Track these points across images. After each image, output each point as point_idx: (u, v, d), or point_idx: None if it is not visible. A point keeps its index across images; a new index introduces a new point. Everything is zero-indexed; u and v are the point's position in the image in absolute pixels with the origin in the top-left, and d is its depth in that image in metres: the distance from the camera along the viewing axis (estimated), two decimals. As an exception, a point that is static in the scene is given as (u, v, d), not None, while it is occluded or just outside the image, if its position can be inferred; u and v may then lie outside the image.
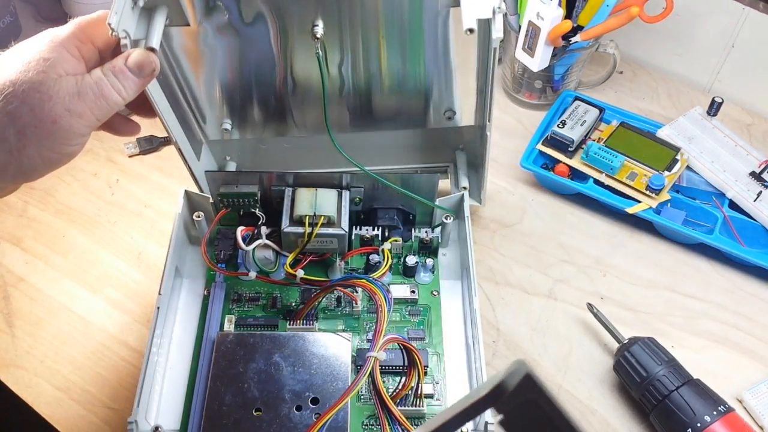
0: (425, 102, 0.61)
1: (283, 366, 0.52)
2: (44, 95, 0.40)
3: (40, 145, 0.40)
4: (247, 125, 0.63)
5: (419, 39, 0.55)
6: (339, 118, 0.62)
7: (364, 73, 0.58)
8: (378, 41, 0.55)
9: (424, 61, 0.57)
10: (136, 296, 0.62)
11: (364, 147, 0.63)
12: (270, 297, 0.58)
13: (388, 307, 0.53)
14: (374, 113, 0.62)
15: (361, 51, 0.56)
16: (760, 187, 0.65)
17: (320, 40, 0.53)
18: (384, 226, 0.59)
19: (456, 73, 0.58)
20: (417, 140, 0.67)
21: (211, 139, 0.63)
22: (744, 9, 0.72)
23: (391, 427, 0.49)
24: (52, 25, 0.45)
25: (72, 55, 0.43)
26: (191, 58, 0.55)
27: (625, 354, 0.55)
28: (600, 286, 0.63)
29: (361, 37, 0.55)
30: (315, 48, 0.53)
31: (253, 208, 0.59)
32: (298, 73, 0.58)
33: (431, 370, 0.54)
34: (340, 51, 0.55)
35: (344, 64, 0.57)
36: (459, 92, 0.60)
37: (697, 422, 0.50)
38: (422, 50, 0.56)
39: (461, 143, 0.67)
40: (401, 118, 0.63)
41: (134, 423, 0.48)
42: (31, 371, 0.58)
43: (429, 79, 0.59)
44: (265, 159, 0.68)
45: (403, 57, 0.57)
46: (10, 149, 0.40)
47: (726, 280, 0.64)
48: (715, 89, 0.79)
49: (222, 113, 0.61)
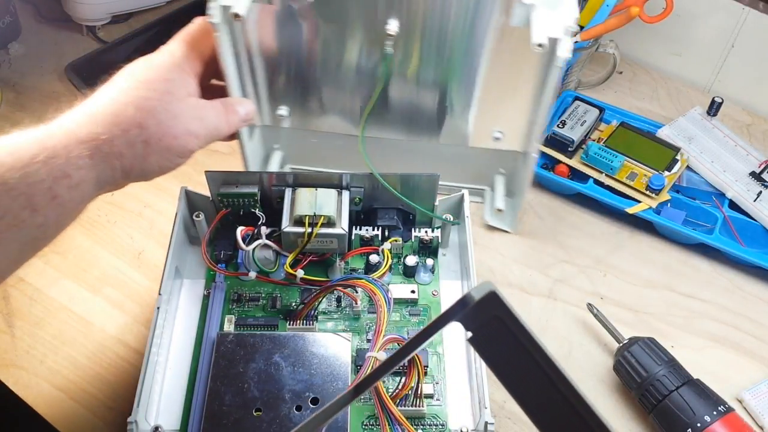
0: (473, 119, 0.60)
1: (283, 366, 0.52)
2: (170, 114, 0.46)
3: (161, 155, 0.46)
4: (301, 115, 0.62)
5: (479, 55, 0.54)
6: (384, 121, 0.61)
7: (419, 82, 0.58)
8: (439, 51, 0.55)
9: (480, 78, 0.56)
10: (136, 296, 0.62)
11: (403, 154, 0.64)
12: (270, 297, 0.58)
13: (388, 307, 0.53)
14: (420, 123, 0.62)
15: (422, 59, 0.55)
16: (760, 187, 0.65)
17: (393, 38, 0.53)
18: (384, 226, 0.59)
19: (510, 95, 0.57)
20: (457, 157, 0.65)
21: (264, 123, 0.63)
22: (744, 9, 0.72)
23: (391, 427, 0.49)
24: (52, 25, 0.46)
25: (189, 76, 0.49)
26: (264, 38, 0.55)
27: (625, 354, 0.55)
28: (600, 286, 0.63)
29: (424, 45, 0.54)
30: (385, 46, 0.53)
31: (253, 208, 0.59)
32: (362, 71, 0.57)
33: (431, 370, 0.54)
34: (406, 55, 0.55)
35: (403, 69, 0.56)
36: (510, 115, 0.59)
37: (697, 422, 0.50)
38: (480, 67, 0.55)
39: (502, 167, 0.66)
40: (446, 132, 0.62)
41: (134, 423, 0.48)
42: (31, 371, 0.58)
43: (482, 97, 0.58)
44: (312, 154, 0.67)
45: (460, 70, 0.56)
46: (136, 155, 0.45)
47: (726, 280, 0.64)
48: (715, 89, 0.79)
49: (280, 99, 0.61)
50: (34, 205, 0.39)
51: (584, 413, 0.32)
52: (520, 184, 0.63)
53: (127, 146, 0.44)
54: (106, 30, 0.82)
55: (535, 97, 0.56)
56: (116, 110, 0.44)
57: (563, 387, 0.32)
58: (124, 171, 0.45)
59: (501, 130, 0.60)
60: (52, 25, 0.82)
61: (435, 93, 0.59)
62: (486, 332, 0.34)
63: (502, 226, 0.66)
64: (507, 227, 0.66)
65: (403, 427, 0.49)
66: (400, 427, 0.49)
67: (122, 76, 0.47)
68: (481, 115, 0.60)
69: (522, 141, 0.61)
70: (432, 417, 0.52)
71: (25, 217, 0.39)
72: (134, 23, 0.83)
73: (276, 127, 0.64)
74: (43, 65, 0.79)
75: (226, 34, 0.51)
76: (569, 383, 0.32)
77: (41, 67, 0.78)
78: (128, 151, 0.44)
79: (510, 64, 0.55)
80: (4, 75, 0.78)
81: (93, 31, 0.81)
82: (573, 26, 0.48)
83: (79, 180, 0.42)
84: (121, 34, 0.81)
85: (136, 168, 0.45)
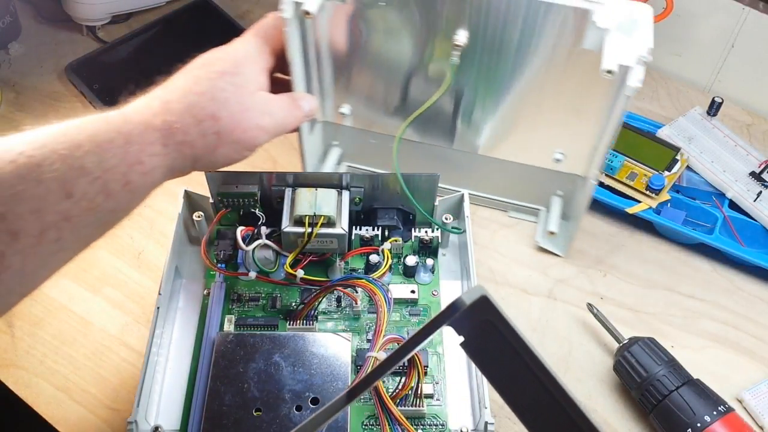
0: (535, 138, 0.60)
1: (283, 366, 0.52)
2: (242, 107, 0.47)
3: (230, 147, 0.47)
4: (362, 115, 0.63)
5: (547, 74, 0.54)
6: (443, 130, 0.62)
7: (485, 94, 0.57)
8: (506, 66, 0.54)
9: (546, 97, 0.56)
10: (136, 296, 0.62)
11: (456, 165, 0.64)
12: (270, 297, 0.58)
13: (388, 307, 0.53)
14: (480, 136, 0.61)
15: (487, 72, 0.55)
16: (760, 187, 0.65)
17: (460, 48, 0.53)
18: (384, 226, 0.59)
19: (575, 118, 0.56)
20: (514, 174, 0.64)
21: (325, 119, 0.64)
22: (744, 9, 0.72)
23: (391, 427, 0.49)
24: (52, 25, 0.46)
25: (260, 70, 0.50)
26: (333, 37, 0.56)
27: (625, 354, 0.55)
28: (600, 286, 0.63)
29: (491, 58, 0.54)
30: (451, 55, 0.53)
31: (253, 208, 0.59)
32: (426, 77, 0.57)
33: (431, 370, 0.54)
34: (470, 66, 0.55)
35: (469, 79, 0.56)
36: (573, 137, 0.58)
37: (697, 422, 0.50)
38: (548, 86, 0.55)
39: (560, 189, 0.64)
40: (506, 148, 0.62)
41: (134, 423, 0.48)
42: (30, 371, 0.58)
43: (546, 117, 0.57)
44: (369, 155, 0.67)
45: (526, 87, 0.56)
46: (207, 146, 0.46)
47: (726, 280, 0.64)
48: (715, 89, 0.79)
49: (343, 96, 0.61)
50: (109, 191, 0.40)
51: (576, 417, 0.32)
52: (577, 208, 0.62)
53: (200, 136, 0.45)
54: (106, 30, 0.82)
55: (600, 122, 0.55)
56: (191, 100, 0.45)
57: (556, 391, 0.32)
58: (193, 160, 0.46)
59: (563, 151, 0.59)
60: (52, 25, 0.82)
61: (497, 107, 0.58)
62: (478, 336, 0.34)
63: (554, 249, 0.65)
64: (558, 251, 0.64)
65: (403, 427, 0.49)
66: (400, 427, 0.49)
67: (197, 65, 0.48)
68: (543, 135, 0.59)
69: (583, 165, 0.60)
70: (432, 417, 0.52)
71: (100, 201, 0.39)
72: (134, 23, 0.83)
73: (336, 124, 0.64)
74: (43, 65, 0.79)
75: (295, 29, 0.52)
76: (561, 388, 0.32)
77: (41, 67, 0.78)
78: (200, 141, 0.45)
79: (578, 86, 0.54)
80: (4, 75, 0.78)
81: (93, 31, 0.81)
82: (646, 56, 0.47)
83: (151, 167, 0.43)
84: (121, 34, 0.81)
85: (205, 158, 0.46)
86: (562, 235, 0.64)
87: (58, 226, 0.37)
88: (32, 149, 0.37)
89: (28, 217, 0.36)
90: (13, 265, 0.36)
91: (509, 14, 0.51)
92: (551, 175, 0.62)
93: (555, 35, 0.51)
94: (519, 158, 0.62)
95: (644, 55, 0.47)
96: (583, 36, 0.50)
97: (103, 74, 0.76)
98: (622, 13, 0.48)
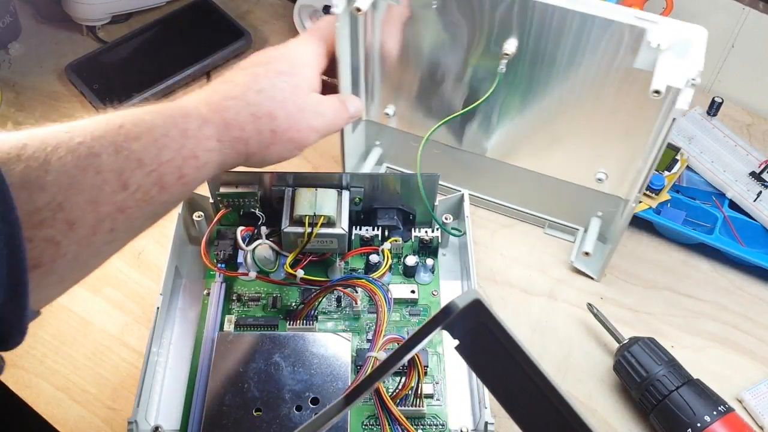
0: (579, 155, 0.59)
1: (283, 366, 0.52)
2: (297, 107, 0.48)
3: (283, 146, 0.47)
4: (407, 117, 0.63)
5: (596, 91, 0.53)
6: (481, 138, 0.62)
7: (528, 105, 0.57)
8: (555, 78, 0.54)
9: (593, 114, 0.55)
10: (136, 296, 0.62)
11: (494, 176, 0.64)
12: (270, 297, 0.58)
13: (388, 307, 0.53)
14: (522, 148, 0.61)
15: (536, 82, 0.55)
16: (760, 187, 0.65)
17: (508, 57, 0.53)
18: (384, 226, 0.59)
19: (621, 138, 0.56)
20: (554, 191, 0.63)
21: (369, 119, 0.64)
22: (744, 9, 0.72)
23: (391, 427, 0.49)
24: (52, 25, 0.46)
25: (315, 71, 0.51)
26: (385, 35, 0.56)
27: (625, 354, 0.55)
28: (600, 286, 0.63)
29: (542, 69, 0.54)
30: (499, 63, 0.53)
31: (253, 208, 0.59)
32: (472, 84, 0.57)
33: (431, 370, 0.54)
34: (516, 75, 0.55)
35: (514, 89, 0.56)
36: (617, 157, 0.57)
37: (697, 422, 0.50)
38: (595, 103, 0.54)
39: (600, 210, 0.63)
40: (548, 164, 0.61)
41: (134, 423, 0.48)
42: (30, 371, 0.58)
43: (591, 135, 0.57)
44: (409, 157, 0.67)
45: (572, 103, 0.55)
46: (261, 143, 0.46)
47: (726, 280, 0.64)
48: (715, 89, 0.79)
49: (389, 97, 0.62)
50: (163, 183, 0.40)
51: (571, 419, 0.32)
52: (615, 231, 0.61)
53: (256, 133, 0.46)
54: (106, 30, 0.82)
55: (645, 143, 0.54)
56: (250, 98, 0.46)
57: (550, 394, 0.32)
58: (246, 156, 0.46)
59: (605, 171, 0.59)
60: (52, 25, 0.82)
61: (539, 119, 0.58)
62: (472, 340, 0.34)
63: (588, 270, 0.63)
64: (593, 273, 0.63)
65: (403, 427, 0.49)
66: (400, 427, 0.49)
67: (256, 63, 0.49)
68: (587, 153, 0.58)
69: (625, 187, 0.59)
70: (432, 417, 0.52)
71: (154, 193, 0.40)
72: (134, 23, 0.83)
73: (380, 124, 0.65)
74: (43, 65, 0.79)
75: (346, 25, 0.52)
76: (556, 390, 0.32)
77: (41, 67, 0.78)
78: (255, 138, 0.46)
79: (626, 105, 0.53)
80: (4, 75, 0.78)
81: (93, 31, 0.81)
82: (696, 79, 0.46)
83: (205, 161, 0.43)
84: (121, 34, 0.81)
85: (257, 155, 0.47)
86: (598, 257, 0.63)
87: (113, 217, 0.38)
88: (91, 140, 0.37)
89: (85, 207, 0.36)
90: (68, 253, 0.36)
91: (562, 27, 0.50)
92: (592, 195, 0.61)
93: (607, 52, 0.50)
94: (561, 174, 0.61)
95: (694, 77, 0.46)
96: (636, 54, 0.49)
97: (103, 74, 0.76)
98: (676, 34, 0.47)
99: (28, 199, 0.34)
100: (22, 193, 0.33)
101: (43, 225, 0.34)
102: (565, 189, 0.62)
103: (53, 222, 0.35)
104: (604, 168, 0.59)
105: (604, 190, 0.60)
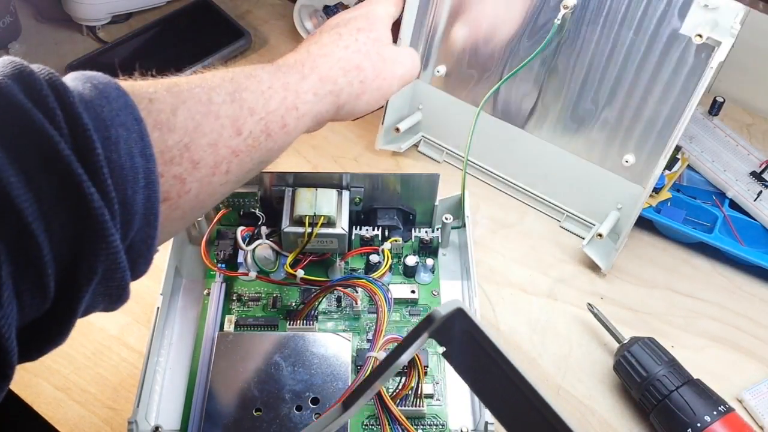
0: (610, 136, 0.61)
1: (283, 366, 0.52)
2: (380, 57, 0.52)
3: (371, 95, 0.52)
4: (455, 81, 0.65)
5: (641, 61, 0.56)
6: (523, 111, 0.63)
7: (575, 74, 0.59)
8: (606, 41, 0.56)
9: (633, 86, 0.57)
10: (136, 296, 0.61)
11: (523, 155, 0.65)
12: (270, 297, 0.58)
13: (388, 307, 0.53)
14: (557, 124, 0.63)
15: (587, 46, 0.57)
16: (761, 186, 0.65)
17: (568, 9, 0.55)
18: (384, 226, 0.59)
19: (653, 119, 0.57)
20: (580, 177, 0.64)
21: (418, 79, 0.66)
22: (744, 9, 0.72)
23: (391, 427, 0.49)
24: (52, 25, 0.47)
25: (389, 27, 0.55)
26: None
27: (625, 354, 0.55)
28: (600, 286, 0.63)
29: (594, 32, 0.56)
30: (557, 17, 0.56)
31: (253, 208, 0.59)
32: (526, 53, 0.59)
33: (431, 370, 0.54)
34: (570, 37, 0.57)
35: (564, 51, 0.59)
36: (642, 143, 0.59)
37: (697, 422, 0.50)
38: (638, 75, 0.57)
39: (620, 203, 0.63)
40: (579, 144, 0.62)
41: (134, 423, 0.48)
42: (30, 371, 0.58)
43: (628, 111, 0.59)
44: (448, 127, 0.69)
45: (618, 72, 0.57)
46: (352, 94, 0.50)
47: (726, 280, 0.64)
48: (716, 89, 0.78)
49: (442, 57, 0.64)
50: (270, 131, 0.44)
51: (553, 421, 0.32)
52: (626, 227, 0.61)
53: (347, 84, 0.50)
54: (106, 30, 0.82)
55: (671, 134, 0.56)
56: (339, 54, 0.50)
57: (535, 400, 0.33)
58: (337, 107, 0.50)
59: (633, 155, 0.60)
60: (52, 25, 0.82)
61: (583, 92, 0.60)
62: (458, 347, 0.35)
63: (597, 259, 0.63)
64: (601, 263, 0.63)
65: (403, 427, 0.49)
66: (400, 427, 0.49)
67: (338, 24, 0.53)
68: (619, 134, 0.60)
69: (644, 177, 0.60)
70: (432, 417, 0.52)
71: (262, 140, 0.43)
72: (134, 23, 0.83)
73: (427, 86, 0.67)
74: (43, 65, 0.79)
75: None
76: (540, 396, 0.33)
77: (41, 67, 0.78)
78: (346, 90, 0.50)
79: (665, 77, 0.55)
80: (4, 75, 0.78)
81: (93, 31, 0.81)
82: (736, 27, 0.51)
83: (303, 113, 0.47)
84: (121, 34, 0.81)
85: (348, 105, 0.51)
86: (608, 250, 0.63)
87: (229, 160, 0.41)
88: (209, 89, 0.41)
89: (206, 149, 0.39)
90: (191, 190, 0.39)
91: None
92: (615, 183, 0.62)
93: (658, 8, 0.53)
94: (590, 157, 0.63)
95: (733, 25, 0.51)
96: (683, 20, 0.53)
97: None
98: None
99: (160, 138, 0.37)
100: (154, 132, 0.36)
101: (172, 162, 0.38)
102: (591, 174, 0.63)
103: (180, 161, 0.38)
104: (632, 152, 0.60)
105: (627, 178, 0.61)
